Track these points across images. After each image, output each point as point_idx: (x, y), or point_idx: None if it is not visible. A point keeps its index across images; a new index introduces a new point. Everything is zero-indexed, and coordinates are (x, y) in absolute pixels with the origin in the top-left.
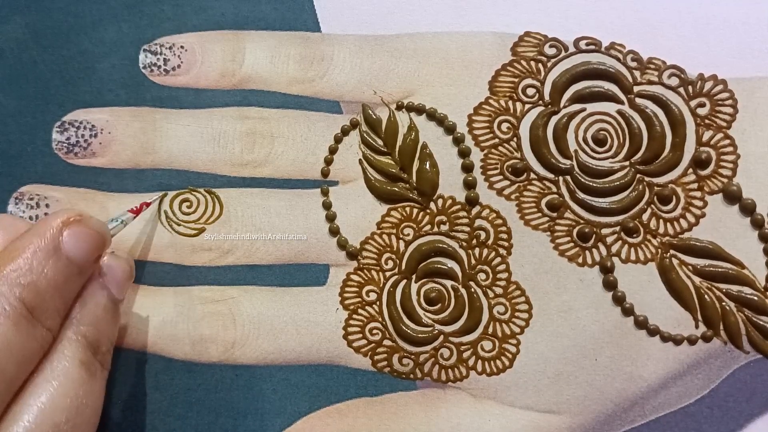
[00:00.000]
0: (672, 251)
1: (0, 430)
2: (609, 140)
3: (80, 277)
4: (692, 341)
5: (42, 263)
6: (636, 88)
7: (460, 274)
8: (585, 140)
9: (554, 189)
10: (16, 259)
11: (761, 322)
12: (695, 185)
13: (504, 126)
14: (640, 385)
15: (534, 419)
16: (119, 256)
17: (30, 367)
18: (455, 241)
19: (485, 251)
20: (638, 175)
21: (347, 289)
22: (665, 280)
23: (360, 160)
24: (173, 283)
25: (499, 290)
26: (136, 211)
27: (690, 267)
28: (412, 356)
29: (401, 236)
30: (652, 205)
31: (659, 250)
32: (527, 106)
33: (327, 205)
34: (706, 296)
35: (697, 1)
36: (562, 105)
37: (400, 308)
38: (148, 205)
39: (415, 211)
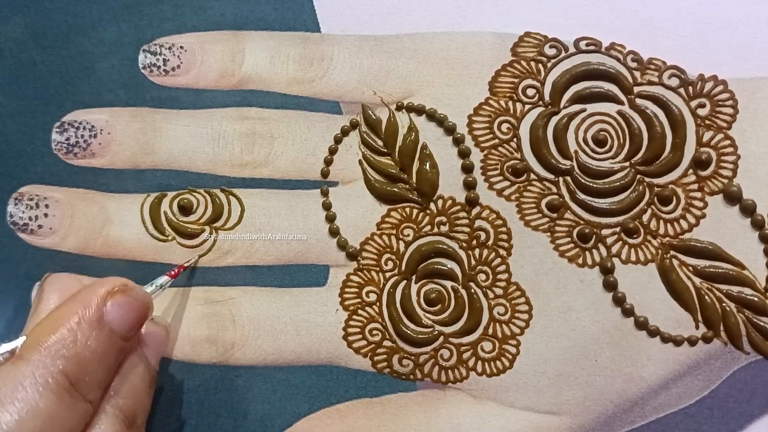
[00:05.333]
0: (672, 252)
1: None
2: (609, 141)
3: (123, 348)
4: (692, 342)
5: (86, 335)
6: (636, 89)
7: (460, 275)
8: (585, 141)
9: (554, 189)
10: (60, 329)
11: (761, 323)
12: (695, 186)
13: (504, 126)
14: (640, 385)
15: (534, 420)
16: (157, 322)
17: None
18: (455, 241)
19: (485, 252)
20: (638, 176)
21: (347, 289)
22: (665, 281)
23: (360, 160)
24: (173, 284)
25: (499, 291)
26: (174, 275)
27: (690, 268)
28: (412, 357)
29: (401, 237)
30: (653, 206)
31: (659, 251)
32: (527, 107)
33: (327, 206)
34: (706, 297)
35: (697, 1)
36: (562, 105)
37: (400, 309)
38: (185, 268)
39: (415, 211)
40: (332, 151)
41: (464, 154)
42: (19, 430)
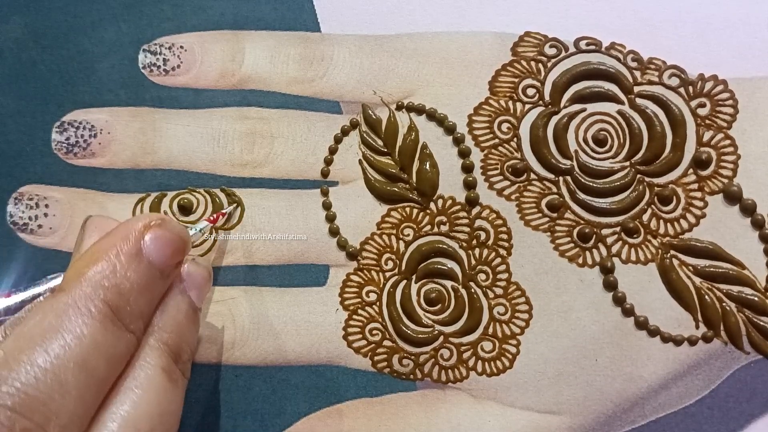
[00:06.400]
0: (672, 252)
1: None
2: (609, 140)
3: (162, 281)
4: (693, 342)
5: (125, 266)
6: (636, 89)
7: (460, 275)
8: (585, 140)
9: (554, 189)
10: (100, 261)
11: (761, 323)
12: (696, 185)
13: (504, 126)
14: (640, 385)
15: (534, 420)
16: (198, 263)
17: (119, 368)
18: (455, 241)
19: (485, 251)
20: (638, 176)
21: (347, 289)
22: (666, 281)
23: (360, 160)
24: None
25: (499, 291)
26: (213, 221)
27: (690, 267)
28: (412, 357)
29: (401, 237)
30: (653, 206)
31: (659, 251)
32: (527, 107)
33: (327, 206)
34: (706, 297)
35: (697, 1)
36: (562, 105)
37: (400, 309)
38: (223, 215)
39: (415, 211)
40: (332, 151)
41: (464, 153)
42: (67, 358)
